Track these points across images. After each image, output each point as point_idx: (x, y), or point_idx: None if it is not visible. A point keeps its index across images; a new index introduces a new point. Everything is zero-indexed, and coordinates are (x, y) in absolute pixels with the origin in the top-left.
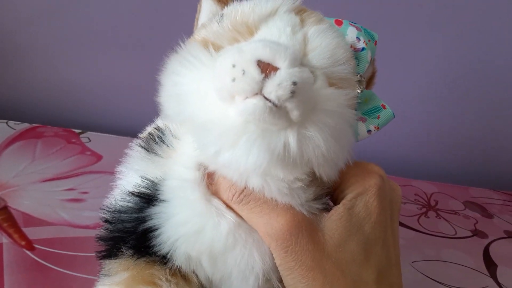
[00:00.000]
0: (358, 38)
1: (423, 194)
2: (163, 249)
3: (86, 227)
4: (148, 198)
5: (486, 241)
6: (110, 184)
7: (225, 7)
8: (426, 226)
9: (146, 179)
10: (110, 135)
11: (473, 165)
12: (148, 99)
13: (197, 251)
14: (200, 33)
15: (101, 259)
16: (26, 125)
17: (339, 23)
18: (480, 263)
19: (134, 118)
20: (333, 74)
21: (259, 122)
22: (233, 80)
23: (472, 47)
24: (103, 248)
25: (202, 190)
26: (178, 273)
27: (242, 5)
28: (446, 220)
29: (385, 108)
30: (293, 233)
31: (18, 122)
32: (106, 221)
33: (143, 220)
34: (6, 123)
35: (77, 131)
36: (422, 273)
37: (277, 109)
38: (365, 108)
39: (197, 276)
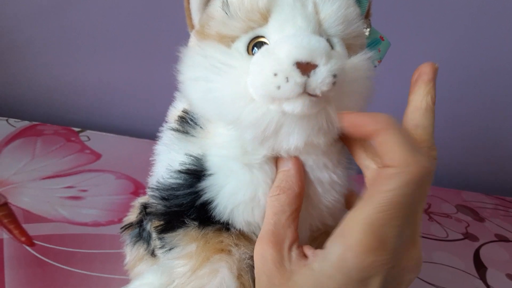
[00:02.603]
0: None
1: None
2: (223, 218)
3: (85, 224)
4: (196, 173)
5: (477, 244)
6: (109, 182)
7: None
8: None
9: (191, 155)
10: (109, 134)
11: (466, 169)
12: (147, 99)
13: (256, 216)
14: (211, 28)
15: (161, 232)
16: (26, 123)
17: None
18: (471, 265)
19: (133, 118)
20: (348, 35)
21: (305, 115)
22: (278, 88)
23: (470, 51)
24: (161, 223)
25: (244, 161)
26: (242, 236)
27: None
28: (438, 223)
29: (383, 40)
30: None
31: (18, 120)
32: (162, 198)
33: (197, 194)
34: (7, 120)
35: (77, 129)
36: None
37: (320, 98)
38: (367, 43)
39: (256, 236)
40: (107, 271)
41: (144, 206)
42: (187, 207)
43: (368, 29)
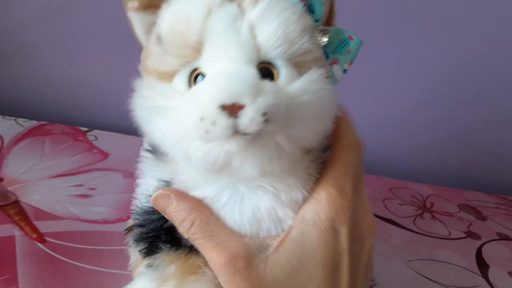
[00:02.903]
0: None
1: (419, 196)
2: (187, 240)
3: (95, 221)
4: None
5: (479, 243)
6: (117, 180)
7: (154, 13)
8: (421, 227)
9: (163, 181)
10: (116, 133)
11: (468, 169)
12: None
13: None
14: (150, 64)
15: (145, 256)
16: (34, 123)
17: None
18: (473, 263)
19: None
20: (293, 54)
21: (247, 149)
22: (207, 132)
23: (471, 51)
24: (143, 246)
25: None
26: None
27: (173, 18)
28: (441, 222)
29: (352, 39)
30: (228, 271)
31: (26, 120)
32: (139, 225)
33: (165, 217)
34: (15, 120)
35: (84, 129)
36: (416, 272)
37: (258, 134)
38: (333, 46)
39: None
40: (117, 267)
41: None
42: (159, 230)
43: (325, 38)
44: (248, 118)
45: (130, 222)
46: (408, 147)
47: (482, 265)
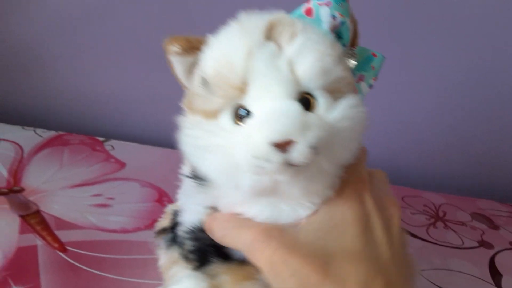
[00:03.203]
0: (333, 16)
1: (431, 205)
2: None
3: (113, 231)
4: None
5: (492, 252)
6: (134, 190)
7: (194, 55)
8: (434, 236)
9: (208, 207)
10: (132, 143)
11: (481, 178)
12: (167, 109)
13: None
14: (195, 104)
15: (196, 269)
16: (52, 133)
17: (309, 12)
18: (486, 272)
19: (155, 127)
20: (330, 83)
21: (295, 177)
22: (261, 168)
23: (484, 58)
24: (195, 261)
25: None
26: None
27: (216, 62)
28: (454, 231)
29: (376, 56)
30: (264, 239)
31: (45, 130)
32: (194, 239)
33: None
34: (34, 130)
35: (101, 139)
36: (430, 281)
37: (307, 164)
38: (359, 64)
39: None
40: (136, 276)
41: (175, 213)
42: (212, 247)
43: (354, 61)
44: (299, 153)
45: (161, 224)
46: (419, 155)
47: (495, 274)
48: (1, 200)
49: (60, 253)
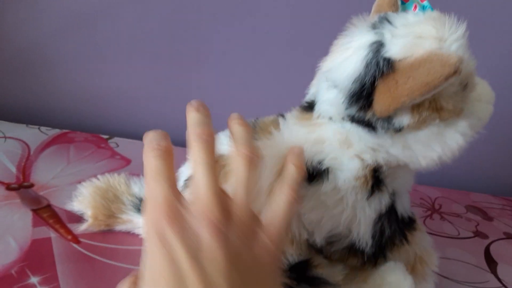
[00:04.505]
0: None
1: (427, 198)
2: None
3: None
4: None
5: (486, 242)
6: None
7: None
8: (431, 227)
9: None
10: (136, 140)
11: (475, 172)
12: (170, 106)
13: None
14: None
15: None
16: (57, 131)
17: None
18: (482, 260)
19: (157, 125)
20: None
21: None
22: None
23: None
24: None
25: None
26: None
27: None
28: (450, 222)
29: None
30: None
31: (49, 128)
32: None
33: None
34: (39, 128)
35: (105, 136)
36: None
37: None
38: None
39: None
40: None
41: None
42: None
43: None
44: None
45: None
46: None
47: (491, 262)
48: (12, 195)
49: (74, 245)
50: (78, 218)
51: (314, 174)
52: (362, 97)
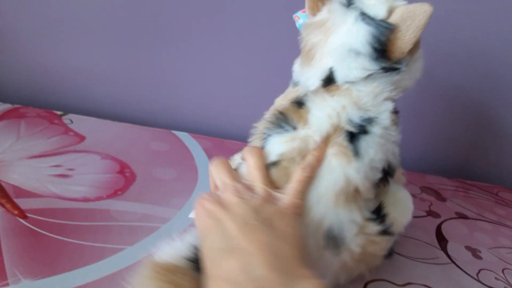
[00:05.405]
0: None
1: None
2: None
3: (75, 199)
4: None
5: (439, 221)
6: (95, 162)
7: None
8: None
9: None
10: (91, 117)
11: (430, 155)
12: (125, 84)
13: None
14: None
15: None
16: (8, 106)
17: None
18: (433, 238)
19: (113, 102)
20: None
21: None
22: None
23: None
24: None
25: None
26: None
27: None
28: None
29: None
30: None
31: (0, 103)
32: None
33: None
34: None
35: (59, 112)
36: None
37: None
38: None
39: None
40: (99, 241)
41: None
42: None
43: None
44: None
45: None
46: None
47: (442, 240)
48: None
49: (21, 220)
50: (26, 193)
51: (366, 128)
52: (380, 51)
